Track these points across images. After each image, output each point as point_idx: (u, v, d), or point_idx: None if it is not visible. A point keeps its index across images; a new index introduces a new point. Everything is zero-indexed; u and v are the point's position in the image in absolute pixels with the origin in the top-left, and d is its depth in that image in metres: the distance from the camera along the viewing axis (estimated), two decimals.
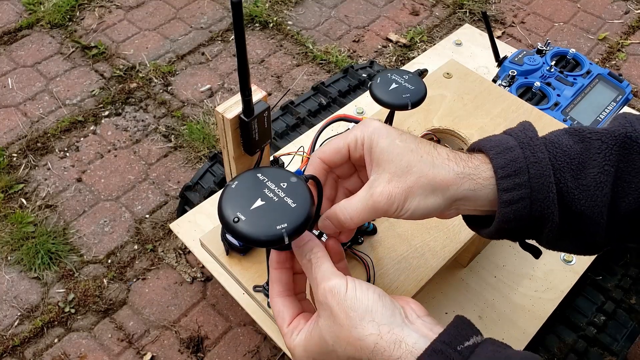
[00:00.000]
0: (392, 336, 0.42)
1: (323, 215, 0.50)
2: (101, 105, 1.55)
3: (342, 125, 0.67)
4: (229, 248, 0.67)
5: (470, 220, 0.54)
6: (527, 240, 0.52)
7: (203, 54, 1.71)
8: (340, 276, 0.45)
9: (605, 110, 0.95)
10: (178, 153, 1.45)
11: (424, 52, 1.31)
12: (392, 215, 0.48)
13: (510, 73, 0.97)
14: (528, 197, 0.46)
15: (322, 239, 0.50)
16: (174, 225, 0.89)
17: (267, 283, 0.63)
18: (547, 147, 0.48)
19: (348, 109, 1.00)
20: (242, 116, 0.52)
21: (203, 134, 1.47)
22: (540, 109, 0.87)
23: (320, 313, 0.45)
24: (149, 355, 1.10)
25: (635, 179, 0.46)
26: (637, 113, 0.53)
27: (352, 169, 0.53)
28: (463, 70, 0.89)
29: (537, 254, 0.55)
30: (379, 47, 1.77)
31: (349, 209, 0.48)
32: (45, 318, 1.15)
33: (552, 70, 0.98)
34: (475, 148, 0.50)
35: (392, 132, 0.48)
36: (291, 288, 0.50)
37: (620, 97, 0.97)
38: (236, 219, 0.42)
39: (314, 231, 0.53)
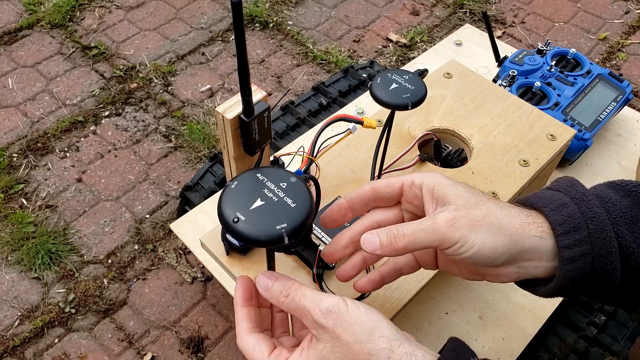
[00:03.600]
0: (403, 349, 0.41)
1: (372, 231, 0.48)
2: (101, 106, 1.55)
3: (342, 125, 0.67)
4: (229, 248, 0.67)
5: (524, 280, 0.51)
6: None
7: (203, 54, 1.71)
8: (333, 295, 0.44)
9: (606, 110, 0.95)
10: (178, 153, 1.45)
11: (424, 52, 1.31)
12: (449, 251, 0.46)
13: (510, 73, 0.96)
14: (590, 253, 0.45)
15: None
16: (174, 226, 0.89)
17: None
18: (601, 202, 0.47)
19: (348, 109, 1.00)
20: (242, 116, 0.52)
21: (203, 134, 1.47)
22: (541, 109, 0.87)
23: (319, 337, 0.43)
24: (149, 356, 1.10)
25: None
26: None
27: (397, 219, 0.52)
28: (463, 70, 0.89)
29: (592, 309, 0.53)
30: (379, 47, 1.77)
31: (404, 228, 0.46)
32: (46, 318, 1.15)
33: (553, 70, 0.98)
34: (525, 204, 0.49)
35: (454, 182, 0.48)
36: (259, 325, 0.48)
37: (620, 97, 0.97)
38: (236, 219, 0.42)
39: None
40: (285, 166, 0.74)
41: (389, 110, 0.61)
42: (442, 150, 0.81)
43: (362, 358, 0.41)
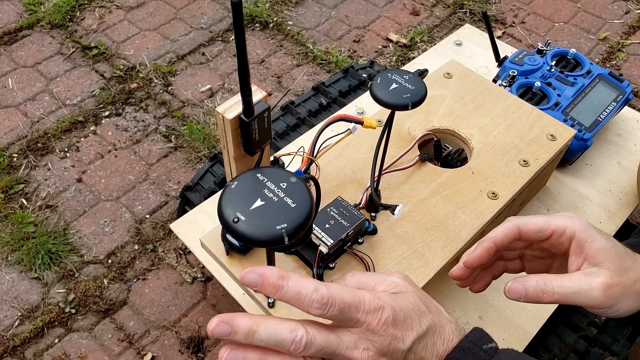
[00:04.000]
0: (462, 347, 0.45)
1: (518, 279, 0.51)
2: (101, 106, 1.55)
3: (342, 126, 0.67)
4: (229, 248, 0.67)
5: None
6: None
7: (203, 54, 1.71)
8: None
9: (606, 110, 0.95)
10: (178, 153, 1.45)
11: (424, 52, 1.31)
12: (597, 311, 0.49)
13: (510, 73, 0.96)
14: None
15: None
16: (174, 226, 0.89)
17: None
18: None
19: (348, 109, 1.00)
20: (242, 116, 0.52)
21: (203, 134, 1.47)
22: (541, 109, 0.87)
23: (402, 291, 0.46)
24: (149, 356, 1.10)
25: None
26: None
27: (520, 254, 0.56)
28: (463, 70, 0.89)
29: None
30: (379, 47, 1.77)
31: (555, 283, 0.48)
32: (46, 318, 1.15)
33: (553, 70, 0.98)
34: None
35: (600, 232, 0.50)
36: None
37: (620, 97, 0.97)
38: (236, 219, 0.42)
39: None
40: (285, 166, 0.74)
41: (389, 110, 0.61)
42: (442, 150, 0.81)
43: (418, 306, 0.45)
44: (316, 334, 0.42)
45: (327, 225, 0.64)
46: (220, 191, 0.46)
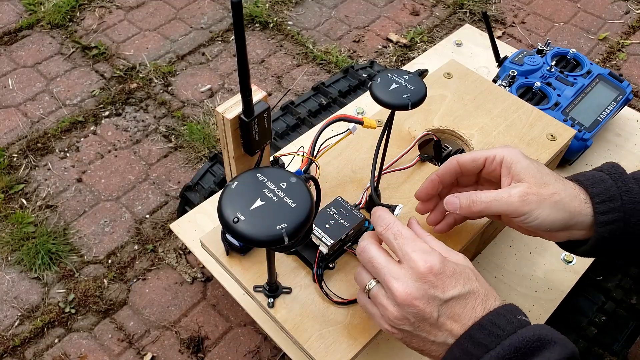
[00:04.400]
0: (498, 311, 0.50)
1: (454, 194, 0.60)
2: (101, 106, 1.55)
3: (342, 126, 0.67)
4: (229, 248, 0.67)
5: (562, 243, 0.63)
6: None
7: (203, 54, 1.71)
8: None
9: (606, 110, 0.95)
10: (178, 153, 1.45)
11: (424, 52, 1.31)
12: (516, 221, 0.57)
13: (510, 73, 0.96)
14: (622, 219, 0.55)
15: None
16: (174, 226, 0.89)
17: (267, 283, 0.63)
18: (635, 181, 0.57)
19: (348, 109, 1.00)
20: (242, 116, 0.52)
21: (203, 134, 1.47)
22: (541, 109, 0.87)
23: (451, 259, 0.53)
24: (149, 356, 1.10)
25: None
26: None
27: (474, 182, 0.64)
28: (463, 71, 0.89)
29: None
30: (379, 47, 1.77)
31: (482, 195, 0.57)
32: (46, 318, 1.15)
33: (553, 70, 0.98)
34: (573, 181, 0.59)
35: (528, 158, 0.58)
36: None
37: (620, 97, 0.97)
38: (236, 219, 0.42)
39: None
40: (285, 166, 0.74)
41: (389, 110, 0.61)
42: (442, 150, 0.81)
43: (470, 276, 0.51)
44: (371, 247, 0.53)
45: (327, 225, 0.64)
46: (220, 191, 0.46)
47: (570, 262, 0.85)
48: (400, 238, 0.52)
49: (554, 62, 1.00)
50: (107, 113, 1.54)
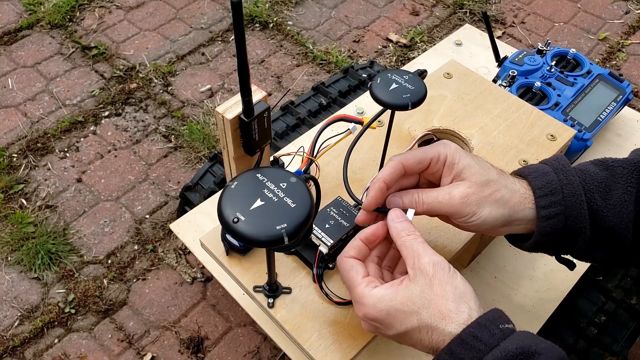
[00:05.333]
0: (479, 322, 0.48)
1: (396, 193, 0.57)
2: (101, 106, 1.55)
3: (342, 126, 0.67)
4: (229, 248, 0.67)
5: (510, 238, 0.62)
6: (562, 255, 0.61)
7: (203, 54, 1.71)
8: (441, 256, 0.52)
9: (606, 110, 0.95)
10: (178, 153, 1.45)
11: (424, 52, 1.31)
12: (459, 220, 0.56)
13: (510, 73, 0.96)
14: (563, 213, 0.54)
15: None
16: (174, 226, 0.89)
17: (267, 283, 0.63)
18: (578, 173, 0.56)
19: (348, 109, 1.00)
20: (242, 116, 0.52)
21: (203, 134, 1.47)
22: (541, 109, 0.87)
23: (416, 279, 0.51)
24: (149, 356, 1.10)
25: None
26: None
27: (415, 183, 0.60)
28: (463, 71, 0.89)
29: (572, 266, 0.62)
30: (379, 47, 1.77)
31: (424, 196, 0.56)
32: (46, 318, 1.15)
33: (553, 70, 0.98)
34: (517, 174, 0.59)
35: (469, 153, 0.57)
36: (364, 257, 0.57)
37: (620, 97, 0.97)
38: (236, 220, 0.42)
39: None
40: (285, 166, 0.74)
41: (389, 111, 0.61)
42: None
43: (444, 311, 0.49)
44: (343, 262, 0.55)
45: (327, 225, 0.64)
46: (220, 191, 0.46)
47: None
48: (346, 283, 0.54)
49: (554, 62, 1.00)
50: (107, 113, 1.54)
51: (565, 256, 0.61)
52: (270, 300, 0.63)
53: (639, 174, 0.56)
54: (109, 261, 1.24)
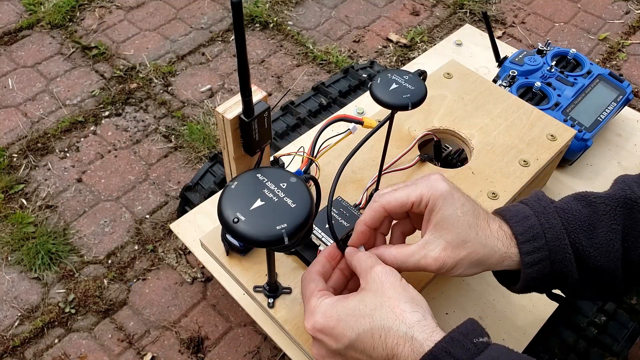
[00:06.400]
0: (433, 323, 0.48)
1: (374, 251, 0.56)
2: (101, 106, 1.55)
3: (342, 126, 0.67)
4: (229, 248, 0.67)
5: (499, 276, 0.61)
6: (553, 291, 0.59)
7: (203, 54, 1.71)
8: (392, 268, 0.52)
9: (606, 110, 0.95)
10: (178, 153, 1.45)
11: (424, 52, 1.31)
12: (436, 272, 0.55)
13: (510, 73, 0.96)
14: (548, 258, 0.53)
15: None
16: (174, 226, 0.89)
17: (268, 284, 0.63)
18: (559, 214, 0.55)
19: (348, 109, 1.00)
20: (242, 116, 0.52)
21: (203, 134, 1.47)
22: (541, 109, 0.87)
23: (368, 287, 0.50)
24: (149, 356, 1.10)
25: None
26: (633, 175, 0.59)
27: (406, 215, 0.59)
28: (463, 71, 0.89)
29: (563, 301, 0.61)
30: (380, 47, 1.77)
31: (399, 257, 0.54)
32: (46, 318, 1.15)
33: (553, 70, 0.98)
34: (499, 214, 0.57)
35: (455, 200, 0.53)
36: (326, 274, 0.57)
37: (620, 97, 0.97)
38: (236, 220, 0.42)
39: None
40: (285, 166, 0.74)
41: (389, 111, 0.61)
42: (442, 151, 0.81)
43: (397, 312, 0.48)
44: (304, 276, 0.55)
45: (327, 225, 0.64)
46: (220, 191, 0.46)
47: None
48: (303, 295, 0.54)
49: (554, 62, 1.00)
50: (107, 113, 1.54)
51: (556, 291, 0.59)
52: (271, 300, 0.63)
53: (623, 210, 0.55)
54: (109, 261, 1.24)
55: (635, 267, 0.55)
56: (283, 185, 0.44)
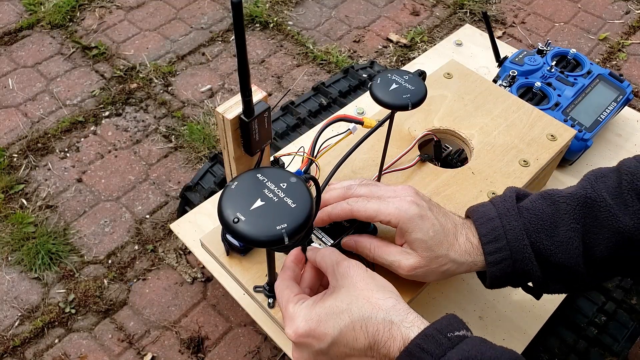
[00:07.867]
0: (405, 307, 0.50)
1: (356, 237, 0.61)
2: (101, 106, 1.55)
3: (342, 126, 0.67)
4: (229, 248, 0.67)
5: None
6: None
7: (203, 54, 1.71)
8: (357, 260, 0.54)
9: (606, 110, 0.95)
10: (178, 153, 1.45)
11: (424, 52, 1.31)
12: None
13: (510, 73, 0.96)
14: (509, 257, 0.57)
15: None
16: (174, 226, 0.89)
17: (268, 284, 0.63)
18: (522, 214, 0.58)
19: (348, 109, 1.00)
20: (242, 117, 0.52)
21: (203, 134, 1.47)
22: (541, 109, 0.87)
23: (339, 284, 0.52)
24: (149, 356, 1.10)
25: (602, 232, 0.56)
26: (605, 168, 0.60)
27: None
28: (463, 71, 0.89)
29: (538, 296, 0.63)
30: (380, 47, 1.77)
31: (377, 250, 0.59)
32: (46, 318, 1.15)
33: (553, 70, 0.98)
34: (469, 214, 0.61)
35: (425, 221, 0.57)
36: (296, 277, 0.58)
37: (621, 97, 0.97)
38: (236, 220, 0.42)
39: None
40: (285, 166, 0.74)
41: (389, 111, 0.61)
42: (443, 151, 0.81)
43: (372, 301, 0.50)
44: (277, 283, 0.56)
45: (327, 226, 0.64)
46: (220, 191, 0.46)
47: None
48: (280, 302, 0.55)
49: (554, 62, 1.00)
50: (107, 113, 1.54)
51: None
52: (271, 300, 0.63)
53: (583, 209, 0.57)
54: (109, 261, 1.24)
55: (599, 263, 0.57)
56: (283, 185, 0.44)
